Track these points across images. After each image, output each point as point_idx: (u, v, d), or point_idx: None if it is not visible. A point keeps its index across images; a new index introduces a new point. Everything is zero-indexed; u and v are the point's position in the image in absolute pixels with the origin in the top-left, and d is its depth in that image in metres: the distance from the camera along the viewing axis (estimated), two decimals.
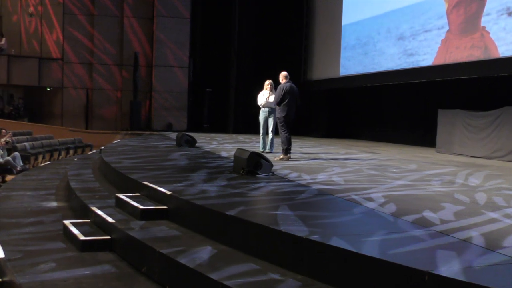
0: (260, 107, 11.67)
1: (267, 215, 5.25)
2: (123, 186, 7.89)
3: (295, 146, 12.53)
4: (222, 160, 10.26)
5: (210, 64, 23.52)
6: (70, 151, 19.28)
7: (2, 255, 5.42)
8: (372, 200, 5.99)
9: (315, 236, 4.23)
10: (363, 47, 18.56)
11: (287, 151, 10.51)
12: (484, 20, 13.12)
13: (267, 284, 3.98)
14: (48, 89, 23.67)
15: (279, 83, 10.80)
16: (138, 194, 6.99)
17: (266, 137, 11.65)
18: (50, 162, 15.61)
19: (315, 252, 4.11)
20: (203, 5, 23.93)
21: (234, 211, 5.17)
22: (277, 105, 10.68)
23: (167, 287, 4.63)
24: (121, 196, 6.87)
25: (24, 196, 9.02)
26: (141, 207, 6.16)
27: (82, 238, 5.80)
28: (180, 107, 23.61)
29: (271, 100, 11.35)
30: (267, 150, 11.50)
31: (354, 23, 19.16)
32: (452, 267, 3.46)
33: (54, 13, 23.45)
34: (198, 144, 13.61)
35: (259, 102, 11.60)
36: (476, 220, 5.02)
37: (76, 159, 13.97)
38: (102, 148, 13.58)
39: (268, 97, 11.43)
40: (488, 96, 13.60)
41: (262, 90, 11.64)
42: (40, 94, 24.03)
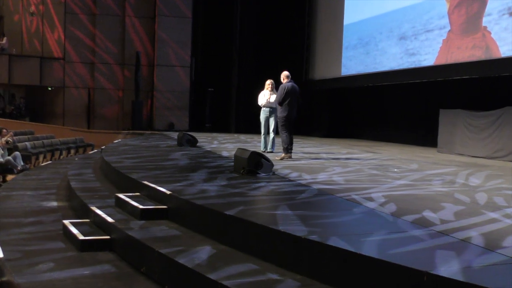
0: (260, 107, 11.66)
1: (267, 215, 5.24)
2: (123, 185, 7.89)
3: (296, 145, 12.51)
4: (223, 160, 10.25)
5: (211, 63, 23.51)
6: (72, 151, 19.27)
7: (1, 255, 5.41)
8: (372, 200, 5.98)
9: (314, 236, 4.22)
10: (365, 46, 18.53)
11: (288, 150, 10.50)
12: (485, 20, 13.09)
13: (266, 284, 3.97)
14: (49, 88, 23.66)
15: (281, 83, 10.78)
16: (138, 194, 6.99)
17: (267, 136, 11.64)
18: (51, 162, 15.61)
19: (314, 252, 4.10)
20: (205, 4, 23.94)
21: (234, 211, 5.16)
22: (278, 104, 10.66)
23: (166, 287, 4.63)
24: (121, 195, 6.86)
25: (25, 195, 9.03)
26: (140, 206, 6.16)
27: (82, 238, 5.80)
28: (182, 106, 23.59)
29: (271, 100, 11.34)
30: (269, 150, 11.49)
31: (356, 23, 19.13)
32: (451, 267, 3.45)
33: (55, 12, 23.45)
34: (199, 143, 13.60)
35: (260, 102, 11.58)
36: (476, 220, 5.01)
37: (77, 159, 13.97)
38: (103, 147, 13.58)
39: (269, 97, 11.41)
40: (489, 96, 13.57)
41: (263, 89, 11.64)
42: (41, 94, 24.02)
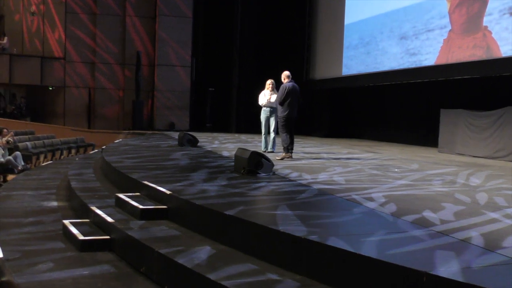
0: (261, 107, 11.65)
1: (267, 215, 5.23)
2: (124, 185, 7.87)
3: (297, 145, 12.50)
4: (223, 160, 10.24)
5: (212, 63, 23.50)
6: (72, 151, 19.29)
7: (1, 255, 5.40)
8: (372, 200, 5.97)
9: (313, 236, 4.21)
10: (366, 46, 18.51)
11: (288, 150, 10.49)
12: (486, 20, 13.07)
13: (265, 284, 3.96)
14: (50, 88, 23.68)
15: (281, 83, 10.77)
16: (138, 194, 6.97)
17: (268, 136, 11.63)
18: (51, 162, 15.61)
19: (314, 252, 4.09)
20: (205, 4, 23.94)
21: (234, 211, 5.15)
22: (279, 104, 10.66)
23: (166, 287, 4.62)
24: (121, 195, 6.85)
25: (25, 195, 9.02)
26: (140, 206, 6.14)
27: (81, 238, 5.79)
28: (182, 106, 23.59)
29: (272, 100, 11.33)
30: (269, 150, 11.48)
31: (357, 23, 19.11)
32: (451, 267, 3.44)
33: (56, 12, 23.47)
34: (200, 143, 13.59)
35: (260, 102, 11.57)
36: (476, 220, 5.00)
37: (77, 159, 13.96)
38: (103, 147, 13.57)
39: (270, 97, 11.40)
40: (490, 96, 13.56)
41: (264, 89, 11.63)
42: (42, 94, 24.04)
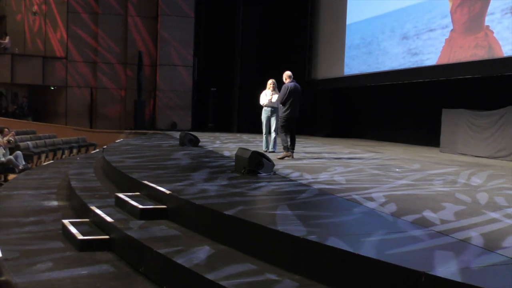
0: (262, 107, 11.64)
1: (266, 214, 5.21)
2: (124, 185, 7.87)
3: (298, 145, 12.45)
4: (224, 160, 10.23)
5: (214, 63, 23.48)
6: (74, 150, 19.30)
7: (0, 254, 5.40)
8: (373, 200, 5.95)
9: (312, 236, 4.19)
10: (367, 46, 18.49)
11: (287, 149, 10.48)
12: (488, 19, 13.04)
13: (264, 284, 3.94)
14: (52, 88, 23.69)
15: (283, 83, 10.76)
16: (138, 194, 6.96)
17: (269, 136, 11.62)
18: (53, 161, 15.62)
19: (313, 252, 4.07)
20: (207, 4, 23.91)
21: (233, 211, 5.14)
22: (281, 104, 10.65)
23: (165, 287, 4.61)
24: (120, 195, 6.84)
25: (25, 195, 9.02)
26: (140, 206, 6.13)
27: (81, 237, 5.78)
28: (184, 106, 23.57)
29: (273, 99, 11.32)
30: (270, 150, 11.47)
31: (358, 22, 19.10)
32: (450, 267, 3.42)
33: (58, 11, 23.45)
34: (202, 143, 13.58)
35: (262, 102, 11.57)
36: (477, 220, 4.97)
37: (78, 158, 13.97)
38: (105, 147, 13.56)
39: (271, 97, 11.39)
40: (492, 96, 13.53)
41: (265, 89, 11.62)
42: (44, 93, 24.04)
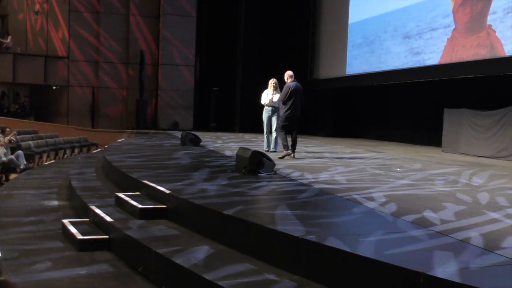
0: (263, 106, 11.62)
1: (266, 214, 5.19)
2: (124, 185, 7.85)
3: (300, 145, 12.43)
4: (225, 159, 10.21)
5: (216, 62, 23.47)
6: (75, 150, 19.31)
7: None
8: (373, 200, 5.92)
9: (311, 236, 4.17)
10: (370, 45, 18.46)
11: (287, 147, 10.47)
12: (490, 19, 13.00)
13: (262, 284, 3.92)
14: (54, 87, 23.70)
15: (285, 82, 10.75)
16: (138, 193, 6.95)
17: (270, 136, 11.59)
18: (54, 161, 15.62)
19: (312, 252, 4.05)
20: (209, 3, 23.90)
21: (232, 211, 5.12)
22: (282, 103, 10.64)
23: (163, 287, 4.59)
24: (120, 195, 6.83)
25: (26, 195, 9.01)
26: (140, 206, 6.12)
27: (80, 237, 5.76)
28: (186, 105, 23.57)
29: (275, 99, 11.30)
30: (272, 149, 11.45)
31: (361, 22, 19.06)
32: (449, 268, 3.39)
33: (60, 11, 23.47)
34: (203, 143, 13.55)
35: (263, 101, 11.55)
36: (477, 220, 4.95)
37: (80, 158, 13.96)
38: (106, 146, 13.56)
39: (272, 96, 11.37)
40: (494, 95, 13.48)
41: (267, 88, 11.60)
42: (46, 93, 24.07)
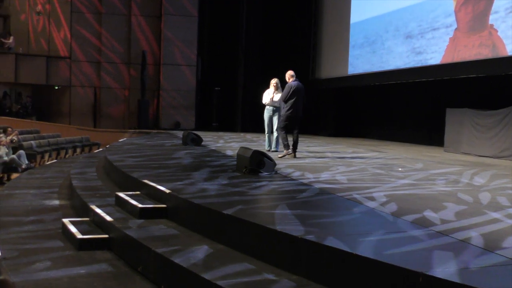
0: (265, 106, 11.61)
1: (265, 214, 5.17)
2: (124, 184, 7.85)
3: (301, 144, 12.43)
4: (226, 159, 10.19)
5: (218, 62, 23.45)
6: (77, 150, 19.32)
7: None
8: (373, 200, 5.90)
9: (310, 236, 4.15)
10: (371, 45, 18.42)
11: (288, 146, 10.47)
12: (492, 18, 12.96)
13: (261, 284, 3.91)
14: (56, 87, 23.72)
15: (286, 82, 10.73)
16: (138, 193, 6.94)
17: (272, 135, 11.58)
18: (56, 161, 15.62)
19: (311, 252, 4.03)
20: (211, 3, 23.88)
21: (232, 210, 5.10)
22: (283, 102, 10.64)
23: (162, 286, 4.58)
24: (120, 194, 6.82)
25: (27, 194, 9.01)
26: (140, 205, 6.11)
27: (80, 236, 5.76)
28: (188, 105, 23.56)
29: (275, 99, 11.29)
30: (273, 149, 11.42)
31: (362, 21, 19.03)
32: (448, 268, 3.37)
33: (61, 11, 23.48)
34: (205, 142, 13.54)
35: (264, 101, 11.53)
36: (478, 220, 4.92)
37: (81, 158, 13.96)
38: (107, 146, 13.55)
39: (273, 95, 11.35)
40: (496, 95, 13.45)
41: (268, 88, 11.59)
42: (48, 93, 24.08)
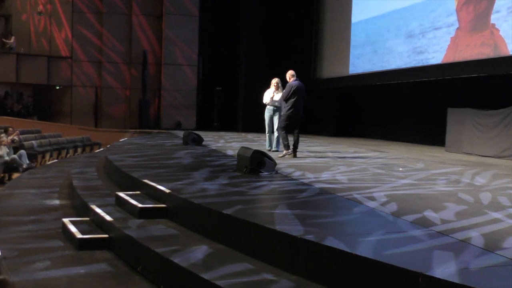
0: (266, 105, 11.59)
1: (265, 214, 5.16)
2: (125, 184, 7.84)
3: (302, 144, 12.42)
4: (227, 159, 10.18)
5: (219, 62, 23.42)
6: (78, 149, 19.33)
7: None
8: (374, 199, 5.89)
9: (310, 236, 4.14)
10: (373, 45, 18.39)
11: (288, 146, 10.46)
12: (493, 18, 12.93)
13: (259, 284, 3.90)
14: (57, 87, 23.74)
15: (287, 82, 10.72)
16: (139, 193, 6.93)
17: (272, 135, 11.56)
18: (57, 160, 15.62)
19: (310, 252, 4.02)
20: (212, 2, 23.86)
21: (231, 210, 5.09)
22: (284, 100, 10.63)
23: (162, 286, 4.57)
24: (121, 194, 6.81)
25: (28, 194, 9.01)
26: (139, 205, 6.10)
27: (80, 236, 5.75)
28: (189, 105, 23.55)
29: (276, 98, 11.27)
30: (274, 149, 11.40)
31: (364, 21, 19.00)
32: (448, 268, 3.36)
33: (63, 11, 23.51)
34: (206, 142, 13.52)
35: (265, 100, 11.52)
36: (478, 220, 4.90)
37: (82, 157, 13.96)
38: (108, 146, 13.55)
39: (273, 95, 11.33)
40: (497, 95, 13.41)
41: (269, 88, 11.58)
42: (49, 93, 24.12)
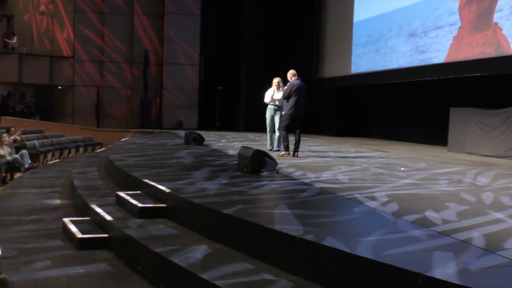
0: (267, 105, 11.58)
1: (265, 214, 5.14)
2: (125, 184, 7.83)
3: (304, 144, 12.40)
4: (228, 158, 10.17)
5: (220, 61, 23.40)
6: (80, 149, 19.33)
7: None
8: (374, 199, 5.86)
9: (309, 236, 4.12)
10: (375, 44, 18.36)
11: (287, 147, 10.46)
12: (496, 16, 12.89)
13: (258, 284, 3.88)
14: (59, 87, 23.75)
15: (288, 81, 10.71)
16: (139, 192, 6.91)
17: (273, 135, 11.54)
18: (59, 160, 15.62)
19: (310, 252, 4.00)
20: (214, 2, 23.83)
21: (231, 210, 5.07)
22: (284, 98, 10.62)
23: (161, 286, 4.55)
24: (121, 194, 6.80)
25: (29, 194, 8.99)
26: (140, 205, 6.09)
27: (80, 236, 5.74)
28: (190, 105, 23.53)
29: (276, 97, 11.25)
30: (275, 148, 11.38)
31: (366, 20, 18.96)
32: (448, 269, 3.33)
33: (65, 11, 23.51)
34: (207, 142, 13.51)
35: (266, 100, 11.50)
36: (480, 220, 4.87)
37: (83, 157, 13.95)
38: (110, 146, 13.55)
39: (274, 93, 11.31)
40: (500, 94, 13.37)
41: (271, 87, 11.56)
42: (51, 93, 24.14)
